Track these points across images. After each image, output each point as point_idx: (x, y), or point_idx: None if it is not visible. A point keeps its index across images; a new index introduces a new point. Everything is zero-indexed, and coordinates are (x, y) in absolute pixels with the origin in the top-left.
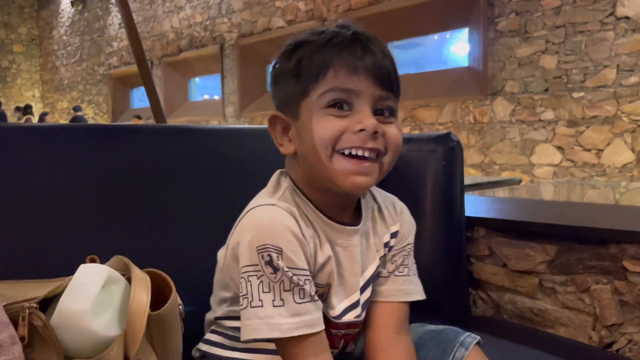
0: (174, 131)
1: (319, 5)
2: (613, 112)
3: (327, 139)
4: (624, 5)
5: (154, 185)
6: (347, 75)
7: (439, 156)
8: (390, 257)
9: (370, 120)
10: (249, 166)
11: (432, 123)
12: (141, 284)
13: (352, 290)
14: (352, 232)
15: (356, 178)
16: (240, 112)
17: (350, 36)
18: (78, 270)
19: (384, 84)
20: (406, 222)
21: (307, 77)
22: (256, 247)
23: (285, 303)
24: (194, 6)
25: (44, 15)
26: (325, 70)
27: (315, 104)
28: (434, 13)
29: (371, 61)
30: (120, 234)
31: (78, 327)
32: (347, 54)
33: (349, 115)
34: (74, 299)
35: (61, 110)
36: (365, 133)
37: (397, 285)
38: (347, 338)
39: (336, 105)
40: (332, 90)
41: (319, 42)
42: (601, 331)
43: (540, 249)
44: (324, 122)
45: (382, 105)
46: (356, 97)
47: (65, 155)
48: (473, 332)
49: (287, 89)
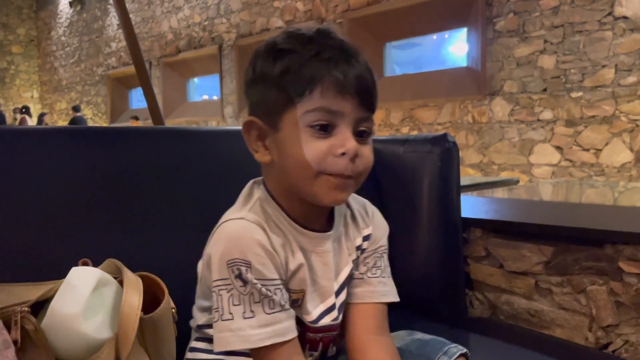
0: (171, 133)
1: (318, 5)
2: (611, 112)
3: (313, 161)
4: (622, 5)
5: (149, 188)
6: (334, 96)
7: (435, 157)
8: (362, 259)
9: (351, 143)
10: (246, 168)
11: (431, 123)
12: (133, 286)
13: (327, 295)
14: (325, 238)
15: (337, 194)
16: (239, 113)
17: (338, 51)
18: (70, 273)
19: (368, 105)
20: (378, 225)
21: (293, 90)
22: (226, 262)
23: (256, 314)
24: (192, 6)
25: (42, 16)
26: (313, 87)
27: (299, 120)
28: (432, 13)
29: (357, 80)
30: (114, 237)
31: (69, 329)
32: (335, 71)
33: (331, 137)
34: (66, 302)
35: (60, 111)
36: (346, 156)
37: (372, 287)
38: (325, 341)
39: (318, 125)
40: (318, 110)
41: (306, 55)
42: (597, 332)
43: (537, 249)
44: (307, 143)
45: (363, 126)
46: (340, 119)
47: (60, 158)
48: (470, 333)
49: (268, 97)
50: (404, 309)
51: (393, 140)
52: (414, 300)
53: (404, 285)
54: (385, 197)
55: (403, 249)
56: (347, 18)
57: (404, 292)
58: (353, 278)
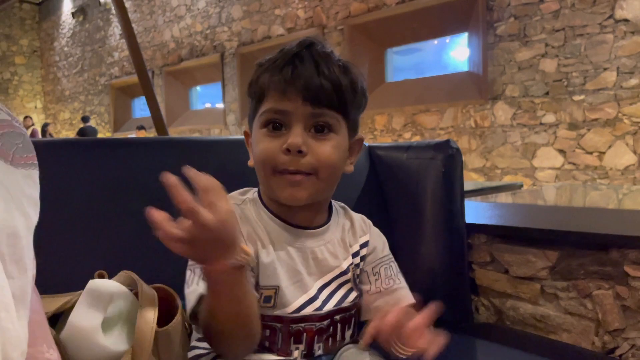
0: (186, 143)
1: (319, 12)
2: (614, 115)
3: (264, 158)
4: (622, 8)
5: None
6: (278, 96)
7: (439, 163)
8: (371, 270)
9: (294, 139)
10: (252, 176)
11: (433, 128)
12: (148, 299)
13: (307, 287)
14: (308, 235)
15: (289, 190)
16: (241, 120)
17: (287, 59)
18: (87, 285)
19: (315, 101)
20: (377, 235)
21: (254, 99)
22: None
23: (195, 284)
24: (194, 15)
25: (45, 26)
26: (263, 93)
27: (257, 122)
28: (433, 18)
29: (301, 82)
30: (127, 249)
31: (88, 342)
32: (279, 77)
33: (282, 135)
34: (84, 315)
35: (63, 121)
36: (291, 152)
37: (390, 295)
38: (309, 333)
39: (270, 125)
40: (267, 111)
41: (264, 66)
42: (604, 336)
43: (542, 254)
44: (261, 143)
45: (317, 121)
46: (288, 117)
47: (70, 169)
48: (475, 339)
49: (248, 107)
50: None
51: (396, 146)
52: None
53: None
54: (389, 204)
55: (407, 255)
56: (348, 25)
57: None
58: (370, 294)
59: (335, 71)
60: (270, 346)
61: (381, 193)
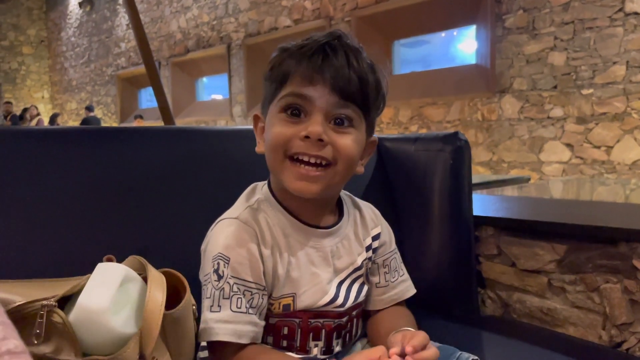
0: (194, 133)
1: (326, 4)
2: (623, 109)
3: (277, 142)
4: (632, 1)
5: (167, 185)
6: (303, 83)
7: (447, 155)
8: (381, 262)
9: (315, 127)
10: (258, 166)
11: (440, 121)
12: (157, 283)
13: (327, 289)
14: (324, 235)
15: (301, 183)
16: (247, 112)
17: (317, 47)
18: (96, 269)
19: (342, 93)
20: (385, 225)
21: (275, 82)
22: (211, 258)
23: (222, 309)
24: (200, 6)
25: (52, 16)
26: (286, 77)
27: (275, 106)
28: (440, 10)
29: (330, 71)
30: (135, 234)
31: (97, 324)
32: (307, 63)
33: (302, 122)
34: (93, 297)
35: (70, 111)
36: (310, 140)
37: (394, 289)
38: (328, 328)
39: (290, 110)
40: (288, 95)
41: (289, 51)
42: (611, 330)
43: (549, 248)
44: (277, 126)
45: (339, 113)
46: (310, 104)
47: (78, 157)
48: (482, 332)
49: (264, 91)
50: (415, 308)
51: (404, 138)
52: (426, 299)
53: (415, 284)
54: (396, 196)
55: (415, 248)
56: (355, 16)
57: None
58: (378, 286)
59: (364, 66)
60: (289, 345)
61: (389, 184)
